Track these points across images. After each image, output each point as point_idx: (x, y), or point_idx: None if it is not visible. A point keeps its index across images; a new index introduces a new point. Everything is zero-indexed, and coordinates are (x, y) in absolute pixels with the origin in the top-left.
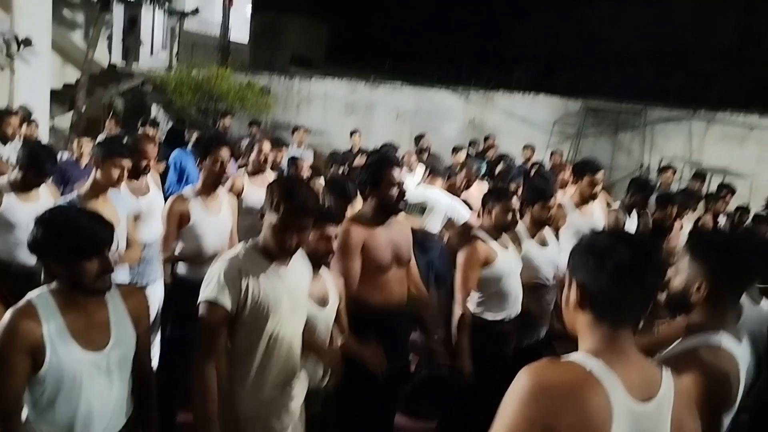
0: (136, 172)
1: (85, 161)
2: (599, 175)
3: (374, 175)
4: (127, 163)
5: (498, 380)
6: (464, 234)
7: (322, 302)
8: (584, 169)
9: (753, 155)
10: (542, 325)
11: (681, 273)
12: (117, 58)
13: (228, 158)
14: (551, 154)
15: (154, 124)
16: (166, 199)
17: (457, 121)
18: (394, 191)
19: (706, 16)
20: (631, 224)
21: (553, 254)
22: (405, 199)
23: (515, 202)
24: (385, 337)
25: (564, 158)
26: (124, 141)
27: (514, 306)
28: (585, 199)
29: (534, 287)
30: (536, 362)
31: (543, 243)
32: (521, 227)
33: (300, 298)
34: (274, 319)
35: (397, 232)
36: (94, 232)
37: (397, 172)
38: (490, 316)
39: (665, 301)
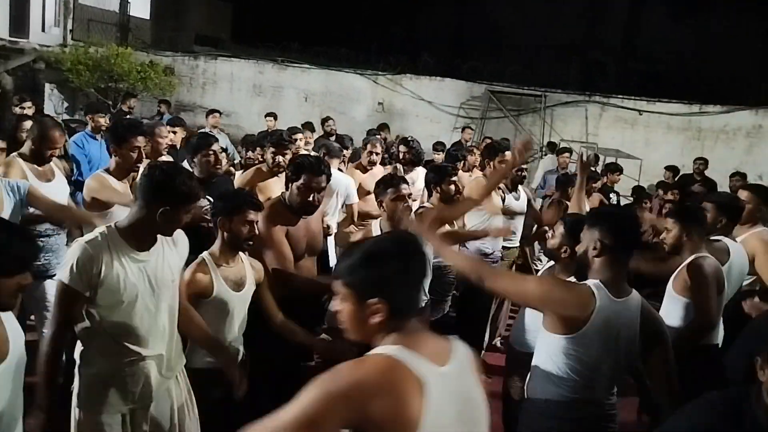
0: (41, 158)
1: None
2: (508, 155)
3: (296, 176)
4: (1, 144)
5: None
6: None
7: (238, 286)
8: (494, 150)
9: (642, 138)
10: (447, 300)
11: (583, 239)
12: (4, 33)
13: (144, 145)
14: (462, 129)
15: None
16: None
17: (366, 103)
18: (313, 196)
19: (597, 11)
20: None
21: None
22: None
23: (405, 188)
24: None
25: (471, 138)
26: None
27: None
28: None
29: (441, 266)
30: (341, 365)
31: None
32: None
33: (163, 282)
34: (132, 301)
35: (314, 220)
36: (18, 249)
37: (318, 179)
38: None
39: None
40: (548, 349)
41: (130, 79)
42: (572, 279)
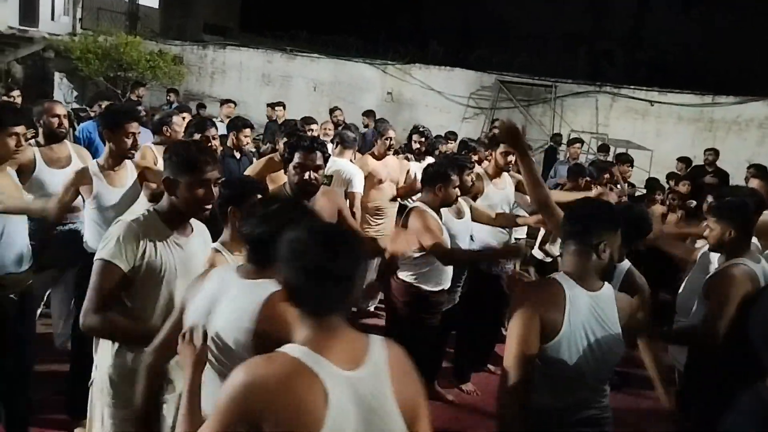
0: (53, 136)
1: None
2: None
3: (291, 156)
4: (21, 130)
5: (423, 346)
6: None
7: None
8: (494, 140)
9: (653, 129)
10: (457, 290)
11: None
12: (14, 22)
13: (138, 131)
14: None
15: (10, 89)
16: None
17: (375, 93)
18: (309, 174)
19: (606, 3)
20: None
21: (468, 225)
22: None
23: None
24: None
25: (480, 130)
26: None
27: (447, 280)
28: (500, 170)
29: None
30: (249, 360)
31: (459, 214)
32: None
33: (196, 267)
34: (168, 284)
35: (320, 207)
36: None
37: (312, 156)
38: (428, 287)
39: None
40: None
41: (139, 68)
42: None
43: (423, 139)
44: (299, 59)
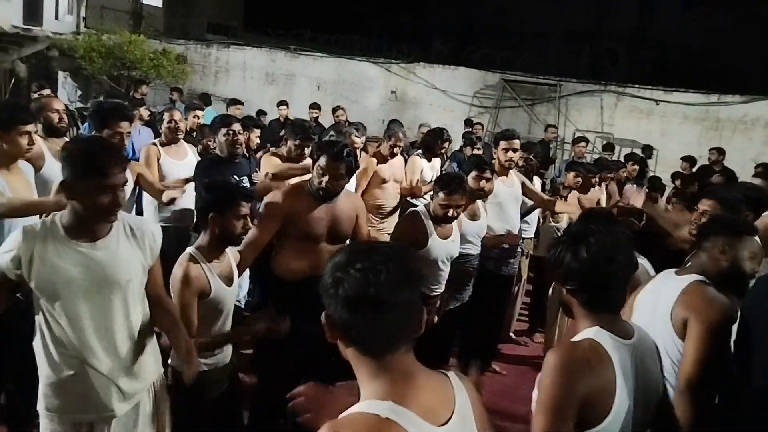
0: (53, 130)
1: None
2: (514, 143)
3: (317, 157)
4: (32, 128)
5: (422, 347)
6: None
7: (229, 281)
8: (498, 136)
9: (658, 128)
10: (466, 290)
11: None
12: (18, 21)
13: (128, 131)
14: (473, 124)
15: (42, 87)
16: None
17: (379, 92)
18: (330, 181)
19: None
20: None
21: (481, 227)
22: None
23: (454, 199)
24: (304, 304)
25: (484, 129)
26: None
27: (440, 285)
28: (502, 166)
29: (461, 256)
30: (328, 424)
31: (474, 216)
32: None
33: (114, 280)
34: (70, 296)
35: (339, 208)
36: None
37: (335, 165)
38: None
39: None
40: None
41: (142, 67)
42: None
43: (447, 144)
44: (303, 58)
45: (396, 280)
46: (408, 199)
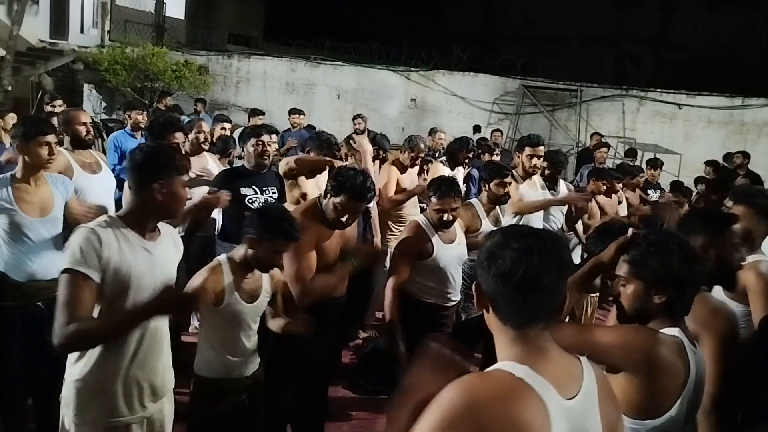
0: (80, 142)
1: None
2: (539, 149)
3: (336, 193)
4: (52, 139)
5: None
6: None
7: (251, 298)
8: (523, 142)
9: (681, 133)
10: None
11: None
12: (45, 35)
13: (183, 141)
14: (491, 132)
15: (54, 98)
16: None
17: (399, 100)
18: (347, 218)
19: (631, 2)
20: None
21: None
22: None
23: (446, 203)
24: (318, 324)
25: (504, 136)
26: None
27: (455, 293)
28: (526, 172)
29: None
30: (463, 378)
31: (497, 221)
32: (478, 206)
33: (167, 274)
34: (137, 292)
35: (348, 229)
36: None
37: (357, 206)
38: (431, 300)
39: None
40: None
41: (165, 78)
42: None
43: (470, 154)
44: (323, 67)
45: (546, 263)
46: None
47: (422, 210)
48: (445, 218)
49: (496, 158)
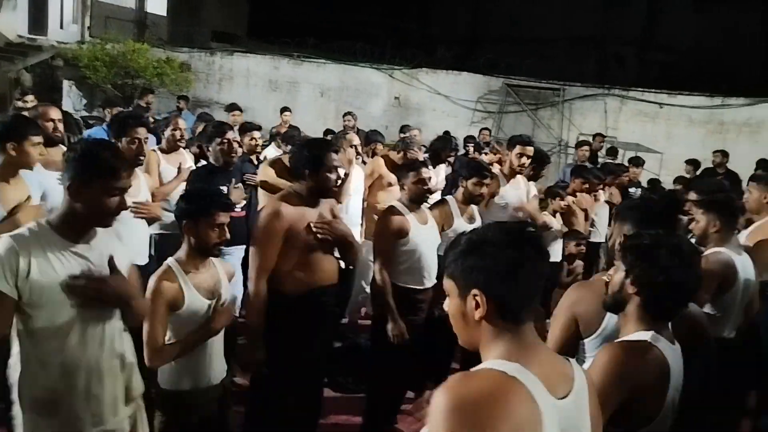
0: (47, 139)
1: None
2: (529, 149)
3: (314, 159)
4: (40, 140)
5: (413, 345)
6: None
7: (212, 294)
8: (515, 140)
9: (662, 132)
10: None
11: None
12: (23, 30)
13: (146, 137)
14: (480, 130)
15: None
16: None
17: (383, 98)
18: (333, 176)
19: (615, 2)
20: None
21: None
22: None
23: (426, 171)
24: (313, 316)
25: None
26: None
27: (431, 277)
28: (514, 171)
29: None
30: (451, 378)
31: (471, 219)
32: (453, 203)
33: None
34: (67, 300)
35: (326, 210)
36: None
37: (336, 157)
38: (407, 284)
39: None
40: None
41: (146, 75)
42: None
43: (453, 153)
44: (306, 65)
45: (536, 255)
46: None
47: None
48: (425, 187)
49: (484, 157)
